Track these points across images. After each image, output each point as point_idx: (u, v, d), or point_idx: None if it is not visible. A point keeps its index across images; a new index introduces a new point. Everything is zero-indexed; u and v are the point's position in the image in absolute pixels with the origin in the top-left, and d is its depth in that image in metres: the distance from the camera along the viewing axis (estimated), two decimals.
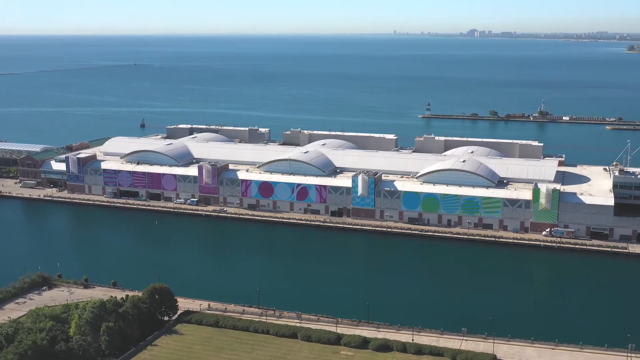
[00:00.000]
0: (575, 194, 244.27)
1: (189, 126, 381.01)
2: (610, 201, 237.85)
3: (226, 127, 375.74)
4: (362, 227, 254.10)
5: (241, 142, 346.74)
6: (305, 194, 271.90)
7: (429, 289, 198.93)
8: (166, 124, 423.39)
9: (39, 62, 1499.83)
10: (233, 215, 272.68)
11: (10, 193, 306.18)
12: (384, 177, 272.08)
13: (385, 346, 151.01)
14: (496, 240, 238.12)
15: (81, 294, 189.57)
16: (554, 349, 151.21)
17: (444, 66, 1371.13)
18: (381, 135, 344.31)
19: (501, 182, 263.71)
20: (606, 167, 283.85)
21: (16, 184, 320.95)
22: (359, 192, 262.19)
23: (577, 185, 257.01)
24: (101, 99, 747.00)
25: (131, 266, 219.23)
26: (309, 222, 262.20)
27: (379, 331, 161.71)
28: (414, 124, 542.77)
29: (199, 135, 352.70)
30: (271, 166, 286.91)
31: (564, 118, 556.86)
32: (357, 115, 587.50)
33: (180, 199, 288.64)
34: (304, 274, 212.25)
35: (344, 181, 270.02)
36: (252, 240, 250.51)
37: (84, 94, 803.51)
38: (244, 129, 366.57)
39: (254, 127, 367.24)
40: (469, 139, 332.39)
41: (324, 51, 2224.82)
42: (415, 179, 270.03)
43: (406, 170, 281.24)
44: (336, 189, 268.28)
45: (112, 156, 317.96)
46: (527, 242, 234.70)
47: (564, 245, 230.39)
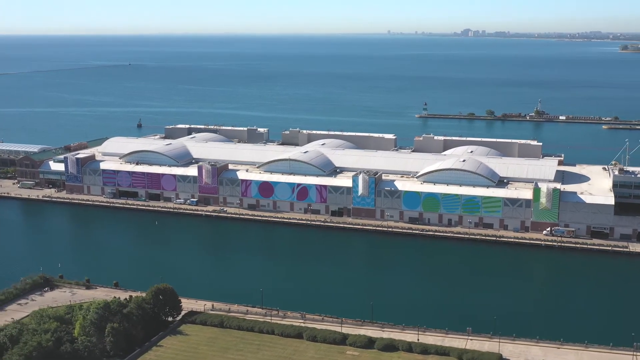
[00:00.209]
0: (575, 193, 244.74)
1: (187, 126, 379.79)
2: (610, 200, 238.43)
3: (225, 127, 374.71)
4: (363, 227, 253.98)
5: (240, 142, 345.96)
6: (306, 193, 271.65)
7: (431, 288, 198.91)
8: (163, 124, 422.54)
9: (33, 62, 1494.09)
10: (233, 216, 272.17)
11: (8, 194, 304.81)
12: (384, 176, 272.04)
13: (391, 346, 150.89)
14: (497, 239, 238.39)
15: (83, 294, 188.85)
16: (559, 348, 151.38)
17: (439, 66, 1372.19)
18: (380, 135, 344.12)
19: (501, 182, 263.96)
20: (605, 167, 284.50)
21: (14, 184, 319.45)
22: (360, 192, 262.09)
23: (577, 185, 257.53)
24: (96, 99, 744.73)
25: (132, 267, 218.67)
26: (309, 222, 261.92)
27: (384, 331, 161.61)
28: (411, 123, 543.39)
29: (198, 135, 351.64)
30: (271, 166, 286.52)
31: (561, 117, 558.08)
32: (354, 115, 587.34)
33: (180, 199, 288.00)
34: (305, 274, 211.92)
35: (344, 181, 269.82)
36: (253, 241, 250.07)
37: (79, 94, 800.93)
38: (242, 129, 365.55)
39: (252, 127, 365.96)
40: (468, 139, 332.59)
41: (318, 51, 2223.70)
42: (416, 178, 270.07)
43: (406, 170, 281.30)
44: (336, 188, 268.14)
45: (111, 156, 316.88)
46: (528, 242, 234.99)
47: (564, 245, 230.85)
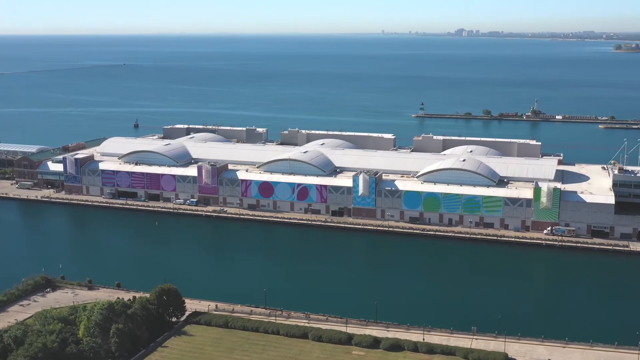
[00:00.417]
0: (575, 192, 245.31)
1: (185, 126, 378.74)
2: (610, 200, 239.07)
3: (223, 127, 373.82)
4: (364, 227, 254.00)
5: (239, 142, 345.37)
6: (306, 193, 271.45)
7: (434, 288, 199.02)
8: (160, 124, 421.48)
9: (27, 62, 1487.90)
10: (233, 216, 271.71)
11: (7, 194, 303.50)
12: (384, 176, 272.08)
13: (396, 346, 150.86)
14: (498, 239, 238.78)
15: (86, 295, 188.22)
16: (564, 347, 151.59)
17: (434, 65, 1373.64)
18: (379, 135, 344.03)
19: (501, 181, 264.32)
20: (604, 166, 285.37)
21: (12, 185, 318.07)
22: (360, 192, 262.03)
23: (577, 184, 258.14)
24: (92, 99, 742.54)
25: (134, 267, 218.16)
26: (310, 222, 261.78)
27: (389, 331, 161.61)
28: (408, 123, 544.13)
29: (197, 135, 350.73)
30: (271, 166, 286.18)
31: (557, 117, 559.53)
32: (351, 114, 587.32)
33: (180, 199, 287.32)
34: (308, 274, 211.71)
35: (344, 181, 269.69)
36: (254, 241, 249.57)
37: (75, 94, 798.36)
38: (241, 128, 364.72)
39: (251, 127, 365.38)
40: (467, 138, 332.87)
41: (312, 51, 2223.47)
42: (416, 178, 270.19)
43: (406, 169, 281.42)
44: (337, 188, 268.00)
45: (110, 157, 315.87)
46: (529, 241, 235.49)
47: (565, 244, 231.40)
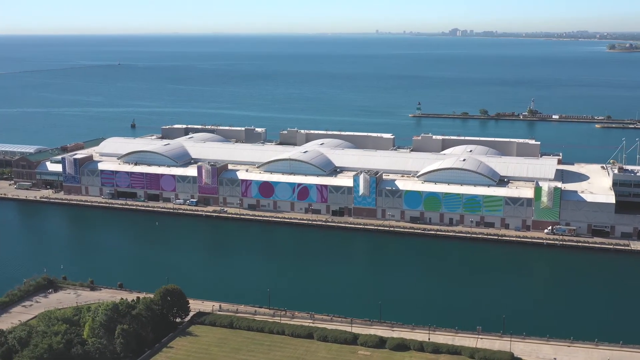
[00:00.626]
0: (576, 192, 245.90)
1: (184, 126, 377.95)
2: (611, 199, 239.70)
3: (222, 127, 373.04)
4: (365, 227, 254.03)
5: (238, 142, 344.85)
6: (306, 193, 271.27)
7: (437, 287, 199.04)
8: (156, 124, 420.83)
9: (20, 62, 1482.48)
10: (233, 216, 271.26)
11: (5, 195, 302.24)
12: (384, 176, 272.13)
13: (402, 345, 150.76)
14: (499, 238, 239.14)
15: (88, 296, 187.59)
16: (569, 346, 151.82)
17: (430, 65, 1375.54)
18: (378, 135, 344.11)
19: (502, 181, 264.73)
20: (603, 165, 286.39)
21: (11, 185, 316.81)
22: (361, 192, 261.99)
23: (577, 184, 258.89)
24: (88, 99, 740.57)
25: (135, 268, 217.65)
26: (310, 221, 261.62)
27: (394, 330, 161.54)
28: (405, 123, 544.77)
29: (195, 135, 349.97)
30: (271, 166, 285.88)
31: (554, 117, 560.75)
32: (348, 114, 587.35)
33: (180, 199, 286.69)
34: (310, 274, 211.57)
35: (345, 181, 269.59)
36: (255, 241, 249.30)
37: (70, 94, 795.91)
38: (240, 128, 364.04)
39: (250, 127, 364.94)
40: (466, 138, 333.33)
41: (307, 50, 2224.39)
42: (416, 178, 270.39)
43: (406, 169, 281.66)
44: (337, 188, 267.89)
45: (109, 157, 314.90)
46: (530, 240, 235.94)
47: (566, 243, 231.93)
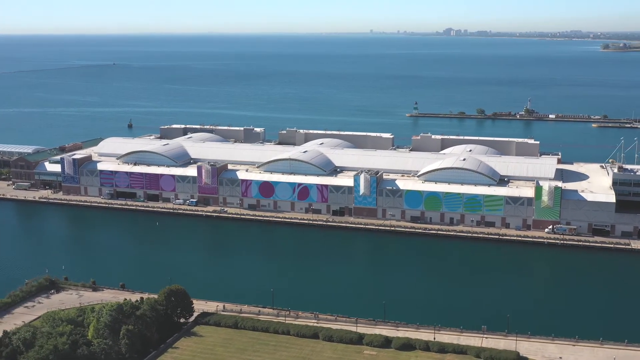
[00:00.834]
0: (576, 191, 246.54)
1: (182, 126, 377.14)
2: (611, 198, 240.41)
3: (221, 127, 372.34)
4: (365, 227, 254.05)
5: (236, 142, 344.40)
6: (307, 193, 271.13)
7: (440, 287, 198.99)
8: (153, 124, 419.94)
9: (15, 62, 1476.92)
10: (234, 216, 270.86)
11: (4, 195, 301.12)
12: (384, 176, 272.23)
13: (408, 345, 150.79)
14: (500, 237, 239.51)
15: (91, 296, 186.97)
16: (574, 345, 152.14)
17: (425, 65, 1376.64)
18: (378, 134, 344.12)
19: (502, 180, 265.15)
20: (602, 165, 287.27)
21: (9, 185, 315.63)
22: (361, 191, 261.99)
23: (577, 183, 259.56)
24: (84, 99, 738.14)
25: (137, 268, 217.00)
26: (311, 221, 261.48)
27: (398, 330, 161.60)
28: (402, 122, 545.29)
29: (194, 135, 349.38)
30: (271, 166, 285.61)
31: (550, 116, 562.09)
32: (345, 114, 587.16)
33: (179, 199, 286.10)
34: (312, 274, 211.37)
35: (345, 180, 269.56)
36: (256, 241, 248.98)
37: (65, 94, 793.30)
38: (239, 128, 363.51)
39: (249, 127, 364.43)
40: (465, 138, 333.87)
41: (301, 50, 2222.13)
42: (417, 177, 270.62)
43: (406, 169, 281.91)
44: (338, 188, 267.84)
45: (108, 157, 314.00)
46: (531, 240, 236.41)
47: (567, 242, 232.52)
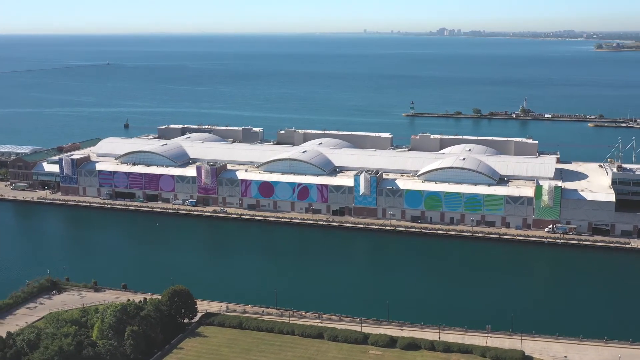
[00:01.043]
0: (576, 190, 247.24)
1: (180, 126, 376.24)
2: (611, 197, 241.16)
3: (219, 127, 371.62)
4: (365, 226, 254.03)
5: (235, 142, 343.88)
6: (307, 193, 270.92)
7: (442, 286, 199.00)
8: (150, 124, 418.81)
9: (9, 62, 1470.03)
10: (234, 216, 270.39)
11: (2, 195, 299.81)
12: (384, 175, 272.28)
13: (413, 345, 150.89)
14: (500, 237, 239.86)
15: (93, 297, 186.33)
16: (579, 344, 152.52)
17: (420, 65, 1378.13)
18: (376, 134, 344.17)
19: (502, 180, 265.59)
20: (601, 164, 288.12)
21: (7, 186, 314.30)
22: (361, 191, 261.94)
23: (576, 182, 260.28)
24: (79, 99, 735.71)
25: (138, 268, 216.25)
26: (311, 221, 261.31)
27: (403, 330, 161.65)
28: (399, 122, 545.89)
29: (193, 135, 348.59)
30: (270, 166, 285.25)
31: (547, 115, 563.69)
32: (342, 114, 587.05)
33: (179, 199, 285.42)
34: (314, 274, 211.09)
35: (345, 180, 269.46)
36: (256, 241, 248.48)
37: (61, 94, 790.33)
38: (237, 128, 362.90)
39: (247, 127, 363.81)
40: (464, 137, 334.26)
41: (296, 50, 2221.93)
42: (417, 177, 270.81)
43: (405, 168, 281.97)
44: (338, 188, 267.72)
45: (106, 157, 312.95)
46: (531, 239, 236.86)
47: (567, 242, 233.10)
